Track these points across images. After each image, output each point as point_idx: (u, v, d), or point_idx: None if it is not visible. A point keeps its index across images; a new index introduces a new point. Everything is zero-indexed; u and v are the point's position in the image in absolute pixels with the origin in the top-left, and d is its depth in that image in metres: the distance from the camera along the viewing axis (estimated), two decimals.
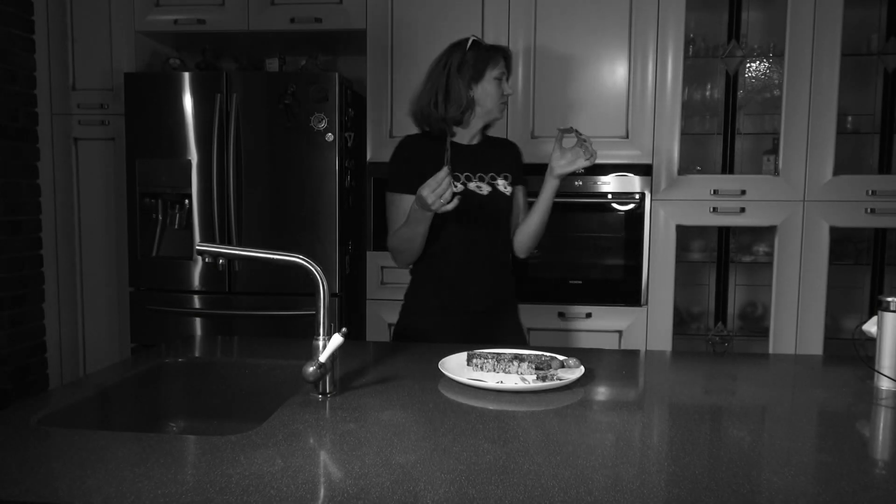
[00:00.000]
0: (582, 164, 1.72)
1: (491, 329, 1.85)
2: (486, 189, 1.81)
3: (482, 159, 1.83)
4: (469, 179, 1.80)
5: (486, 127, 1.87)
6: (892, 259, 2.79)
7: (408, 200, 1.70)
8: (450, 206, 1.54)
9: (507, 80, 1.83)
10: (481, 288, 1.83)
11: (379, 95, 2.75)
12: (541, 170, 1.82)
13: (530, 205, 1.90)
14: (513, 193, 1.87)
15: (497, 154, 1.88)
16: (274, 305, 2.70)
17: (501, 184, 1.84)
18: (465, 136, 1.84)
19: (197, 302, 2.75)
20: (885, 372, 1.33)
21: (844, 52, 2.57)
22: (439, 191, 1.51)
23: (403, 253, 1.78)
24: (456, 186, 1.75)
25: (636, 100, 2.65)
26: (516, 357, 1.39)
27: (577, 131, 1.74)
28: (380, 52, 2.74)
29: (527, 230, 1.88)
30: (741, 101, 2.85)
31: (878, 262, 2.77)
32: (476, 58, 1.76)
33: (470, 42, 1.79)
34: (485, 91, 1.77)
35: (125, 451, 0.97)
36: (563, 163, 1.74)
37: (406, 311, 1.88)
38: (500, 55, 1.79)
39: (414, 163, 1.76)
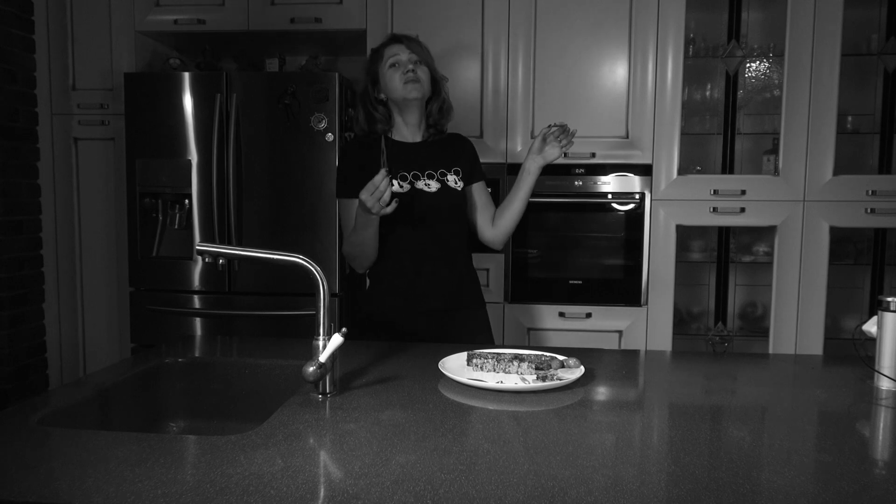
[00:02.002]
0: (557, 153, 1.74)
1: (453, 328, 1.82)
2: (434, 186, 1.80)
3: (429, 156, 1.82)
4: (417, 178, 1.80)
5: (430, 123, 1.86)
6: (892, 259, 2.78)
7: (354, 204, 1.69)
8: (389, 209, 1.55)
9: (418, 62, 1.77)
10: (438, 286, 1.81)
11: None
12: (543, 170, 1.81)
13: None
14: (466, 189, 1.86)
15: (446, 150, 1.86)
16: (274, 305, 2.70)
17: (452, 179, 1.83)
18: (407, 133, 1.84)
19: (197, 302, 2.75)
20: (885, 372, 1.33)
21: (844, 52, 2.57)
22: (377, 194, 1.52)
23: (358, 258, 1.76)
24: (402, 187, 1.76)
25: (636, 100, 2.65)
26: (516, 357, 1.39)
27: (565, 126, 1.75)
28: None
29: (507, 221, 1.86)
30: (741, 101, 2.85)
31: (878, 262, 2.77)
32: (368, 64, 1.82)
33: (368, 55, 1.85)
34: (386, 86, 1.78)
35: (125, 451, 0.97)
36: (551, 153, 1.76)
37: (365, 313, 1.85)
38: (385, 47, 1.79)
39: (357, 166, 1.77)
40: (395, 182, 1.75)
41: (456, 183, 1.83)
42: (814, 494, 0.86)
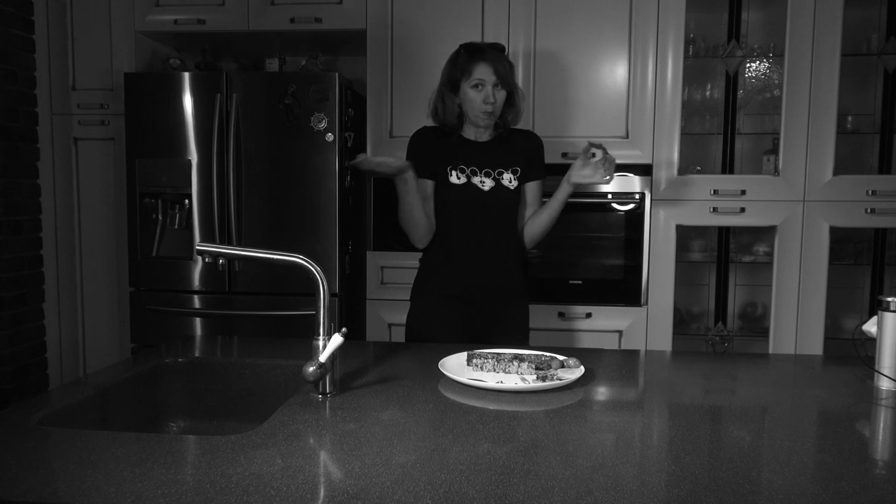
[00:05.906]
0: (598, 179, 1.81)
1: (491, 320, 1.90)
2: (489, 185, 1.89)
3: (490, 156, 1.90)
4: (474, 174, 1.89)
5: (497, 125, 1.93)
6: (892, 259, 2.78)
7: (419, 183, 1.85)
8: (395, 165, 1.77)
9: (499, 85, 1.84)
10: (480, 278, 1.90)
11: (379, 95, 2.75)
12: None
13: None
14: (519, 188, 1.93)
15: (508, 149, 1.92)
16: (274, 305, 2.70)
17: (507, 178, 1.91)
18: (472, 133, 1.93)
19: (197, 302, 2.75)
20: (885, 372, 1.33)
21: (844, 52, 2.57)
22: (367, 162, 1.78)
23: (408, 227, 1.88)
24: (458, 178, 1.88)
25: (636, 100, 2.64)
26: (516, 357, 1.39)
27: (605, 149, 1.80)
28: (380, 52, 2.74)
29: (536, 224, 1.95)
30: (741, 101, 2.85)
31: (878, 262, 2.77)
32: (453, 69, 1.87)
33: (456, 52, 1.89)
34: (464, 100, 1.87)
35: (125, 451, 0.97)
36: (583, 173, 1.82)
37: (412, 296, 1.97)
38: (475, 64, 1.83)
39: (424, 152, 1.89)
40: (453, 173, 1.87)
41: (511, 182, 1.90)
42: (814, 494, 0.86)
